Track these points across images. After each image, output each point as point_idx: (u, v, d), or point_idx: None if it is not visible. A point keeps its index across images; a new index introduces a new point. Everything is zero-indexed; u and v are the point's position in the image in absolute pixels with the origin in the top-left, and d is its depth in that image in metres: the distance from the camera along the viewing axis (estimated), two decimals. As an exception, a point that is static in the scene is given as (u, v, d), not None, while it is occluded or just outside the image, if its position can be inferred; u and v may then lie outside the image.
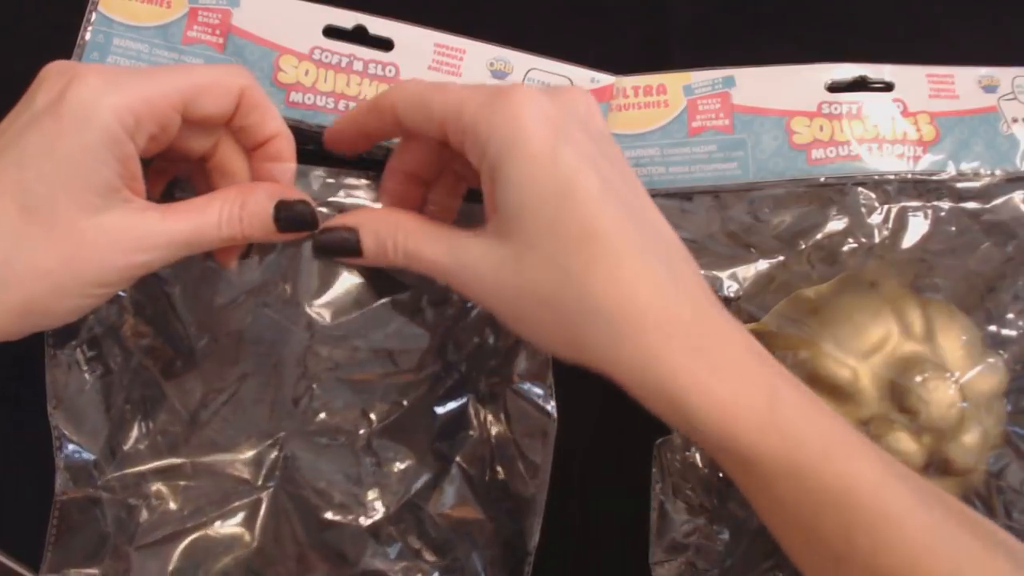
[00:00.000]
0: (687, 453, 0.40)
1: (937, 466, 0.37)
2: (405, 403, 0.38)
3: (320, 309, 0.38)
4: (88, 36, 0.40)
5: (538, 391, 0.38)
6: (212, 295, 0.37)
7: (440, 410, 0.39)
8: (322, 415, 0.38)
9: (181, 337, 0.38)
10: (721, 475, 0.40)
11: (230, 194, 0.32)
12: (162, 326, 0.38)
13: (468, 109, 0.29)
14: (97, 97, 0.29)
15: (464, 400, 0.39)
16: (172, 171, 0.36)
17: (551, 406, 0.38)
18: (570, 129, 0.29)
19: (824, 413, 0.29)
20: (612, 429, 0.40)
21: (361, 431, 0.38)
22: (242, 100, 0.32)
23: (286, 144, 0.33)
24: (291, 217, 0.32)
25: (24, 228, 0.28)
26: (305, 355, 0.38)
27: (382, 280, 0.38)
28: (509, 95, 0.29)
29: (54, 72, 0.30)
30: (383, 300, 0.38)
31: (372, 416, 0.38)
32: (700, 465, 0.40)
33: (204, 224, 0.31)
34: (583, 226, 0.28)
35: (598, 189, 0.28)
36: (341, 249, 0.32)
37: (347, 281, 0.38)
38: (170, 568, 0.37)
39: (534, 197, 0.28)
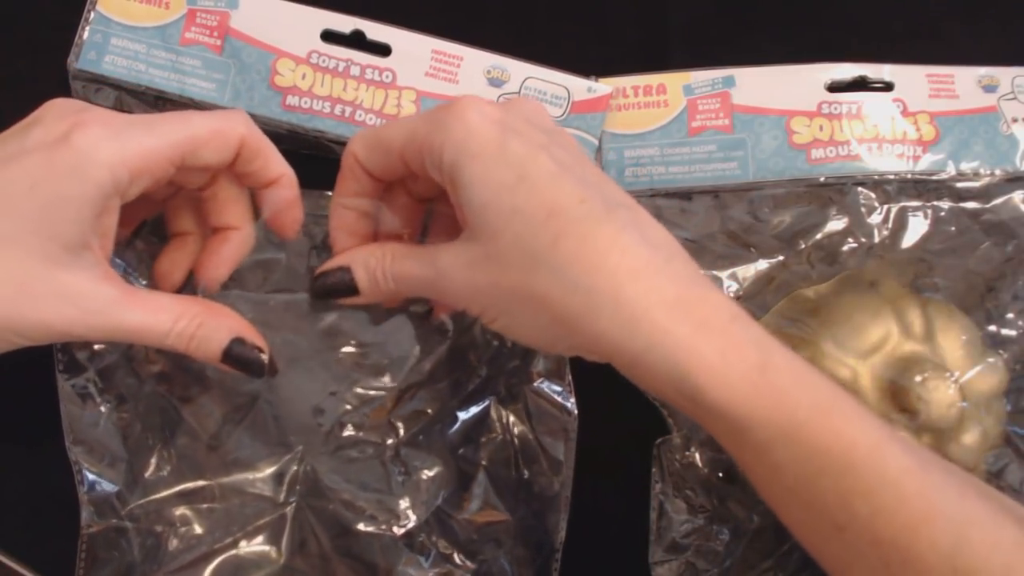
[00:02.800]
0: (687, 453, 0.40)
1: (937, 466, 0.37)
2: (430, 411, 0.38)
3: (339, 323, 0.38)
4: (86, 35, 0.40)
5: (557, 388, 0.38)
6: None
7: (463, 415, 0.39)
8: (348, 429, 0.38)
9: (191, 361, 0.37)
10: (721, 475, 0.40)
11: (193, 309, 0.31)
12: (172, 353, 0.38)
13: (420, 129, 0.30)
14: (96, 151, 0.28)
15: (486, 403, 0.39)
16: (146, 212, 0.35)
17: (571, 403, 0.38)
18: (516, 125, 0.30)
19: (817, 376, 0.28)
20: (612, 429, 0.40)
21: (389, 442, 0.38)
22: (243, 149, 0.31)
23: (288, 186, 0.33)
24: (239, 358, 0.32)
25: None
26: (328, 370, 0.38)
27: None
28: (454, 105, 0.30)
29: (57, 112, 0.29)
30: (401, 311, 0.38)
31: (399, 426, 0.38)
32: (700, 465, 0.40)
33: (153, 327, 0.30)
34: (543, 205, 0.28)
35: (553, 169, 0.28)
36: (337, 289, 0.33)
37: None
38: None
39: (491, 190, 0.28)
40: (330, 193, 0.37)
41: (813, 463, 0.27)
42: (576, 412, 0.38)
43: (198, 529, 0.37)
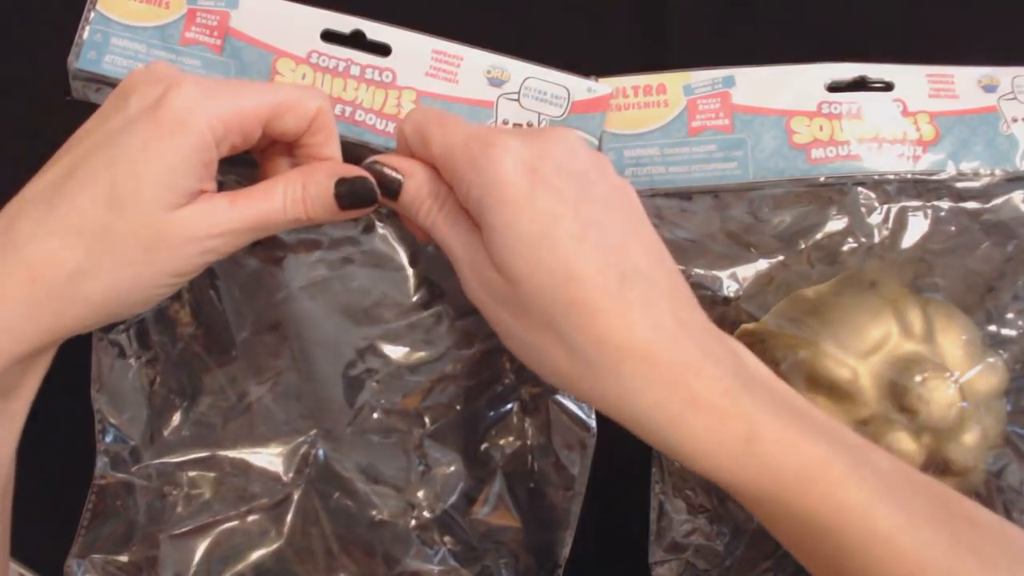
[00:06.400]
0: (687, 453, 0.40)
1: (937, 466, 0.37)
2: (458, 407, 0.39)
3: (379, 307, 0.38)
4: (86, 35, 0.40)
5: (580, 404, 0.38)
6: (257, 290, 0.37)
7: (489, 416, 0.39)
8: (377, 414, 0.38)
9: (224, 329, 0.38)
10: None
11: (291, 176, 0.33)
12: (207, 317, 0.38)
13: (455, 155, 0.31)
14: (194, 105, 0.30)
15: (509, 407, 0.39)
16: None
17: (591, 419, 0.38)
18: (547, 174, 0.30)
19: (813, 436, 0.29)
20: (612, 429, 0.40)
21: (415, 431, 0.38)
22: (314, 121, 0.33)
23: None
24: (352, 193, 0.33)
25: (111, 221, 0.29)
26: (364, 354, 0.38)
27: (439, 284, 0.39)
28: (490, 146, 0.30)
29: (146, 78, 0.31)
30: (440, 305, 0.38)
31: (426, 419, 0.39)
32: (700, 465, 0.40)
33: (270, 208, 0.32)
34: (563, 266, 0.29)
35: (576, 231, 0.30)
36: (384, 183, 0.33)
37: (405, 283, 0.38)
38: (197, 559, 0.37)
39: (515, 239, 0.30)
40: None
41: (801, 523, 0.29)
42: (595, 428, 0.38)
43: (205, 497, 0.38)
